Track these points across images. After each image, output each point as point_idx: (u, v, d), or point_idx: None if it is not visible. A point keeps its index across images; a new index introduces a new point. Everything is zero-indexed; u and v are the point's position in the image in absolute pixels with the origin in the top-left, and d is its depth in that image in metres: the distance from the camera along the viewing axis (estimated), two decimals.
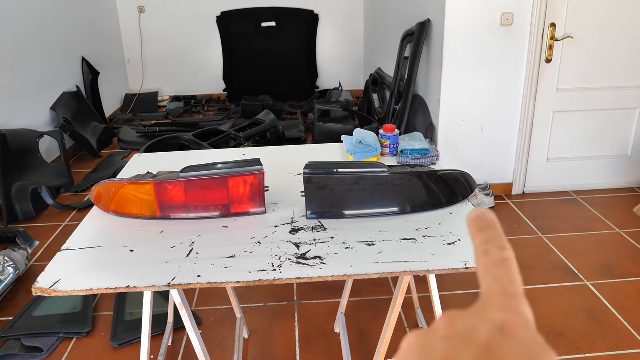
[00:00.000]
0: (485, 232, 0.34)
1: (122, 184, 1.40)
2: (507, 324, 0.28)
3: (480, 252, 0.33)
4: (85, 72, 4.79)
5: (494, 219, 0.34)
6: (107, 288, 1.11)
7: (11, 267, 2.48)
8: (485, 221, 0.34)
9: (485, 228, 0.34)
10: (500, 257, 0.32)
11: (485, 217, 0.35)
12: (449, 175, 1.48)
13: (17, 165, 3.39)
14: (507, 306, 0.29)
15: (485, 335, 0.27)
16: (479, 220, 0.35)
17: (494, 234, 0.33)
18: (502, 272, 0.31)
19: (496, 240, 0.33)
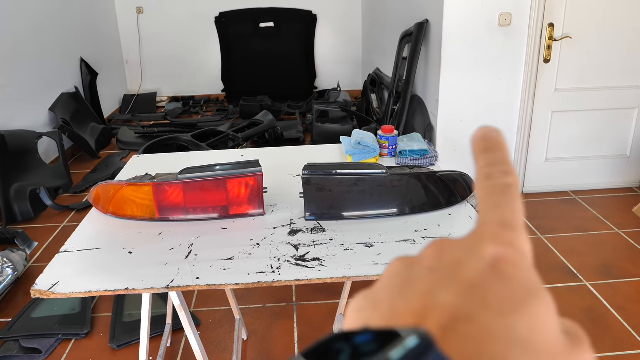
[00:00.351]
0: (490, 154, 0.30)
1: (121, 185, 1.40)
2: (500, 259, 0.24)
3: (482, 175, 0.29)
4: (84, 73, 4.79)
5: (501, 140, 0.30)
6: (106, 290, 1.11)
7: (10, 268, 2.48)
8: (492, 141, 0.30)
9: (491, 149, 0.30)
10: (503, 183, 0.28)
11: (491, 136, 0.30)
12: (448, 176, 1.48)
13: (16, 166, 3.39)
14: (503, 239, 0.26)
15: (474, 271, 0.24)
16: (484, 139, 0.30)
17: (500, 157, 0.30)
18: (504, 200, 0.27)
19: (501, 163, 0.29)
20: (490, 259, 0.24)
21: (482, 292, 0.23)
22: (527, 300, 0.23)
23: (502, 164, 0.29)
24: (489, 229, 0.26)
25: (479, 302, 0.23)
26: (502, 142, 0.30)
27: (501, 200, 0.27)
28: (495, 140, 0.30)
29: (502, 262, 0.24)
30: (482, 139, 0.30)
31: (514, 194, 0.28)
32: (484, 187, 0.28)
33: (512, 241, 0.25)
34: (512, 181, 0.28)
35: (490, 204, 0.28)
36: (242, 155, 1.87)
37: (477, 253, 0.25)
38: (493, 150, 0.30)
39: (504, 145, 0.30)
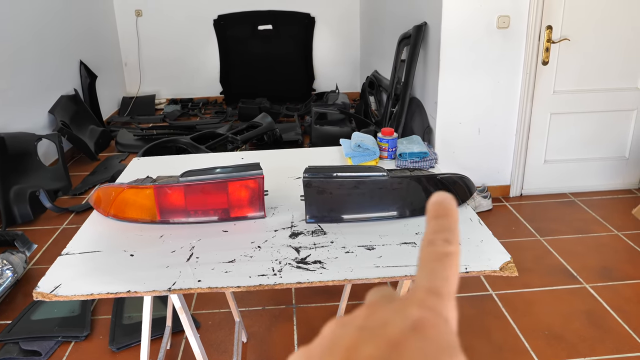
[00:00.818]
0: (438, 220, 0.32)
1: (122, 188, 1.40)
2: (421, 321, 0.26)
3: (426, 241, 0.31)
4: (83, 76, 4.79)
5: (452, 209, 0.32)
6: (107, 293, 1.11)
7: (9, 270, 2.47)
8: (443, 209, 0.32)
9: (441, 216, 0.32)
10: (443, 251, 0.30)
11: (443, 204, 0.32)
12: (448, 179, 1.48)
13: (16, 169, 3.39)
14: (428, 304, 0.28)
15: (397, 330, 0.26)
16: (437, 206, 0.32)
17: (446, 225, 0.31)
18: (439, 267, 0.29)
19: (446, 231, 0.31)
20: (413, 320, 0.27)
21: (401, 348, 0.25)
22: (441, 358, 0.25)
23: (447, 232, 0.31)
24: (417, 294, 0.28)
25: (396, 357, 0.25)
26: (452, 211, 0.32)
27: (437, 268, 0.29)
28: (446, 209, 0.32)
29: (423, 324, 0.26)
30: (435, 205, 0.32)
31: (450, 263, 0.30)
32: (425, 252, 0.31)
33: (436, 307, 0.28)
34: (452, 250, 0.30)
35: (426, 269, 0.30)
36: (242, 158, 1.88)
37: (402, 314, 0.27)
38: (442, 217, 0.32)
39: (453, 214, 0.32)
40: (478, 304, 2.37)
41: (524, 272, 2.59)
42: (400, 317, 0.27)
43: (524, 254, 2.75)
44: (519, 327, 2.21)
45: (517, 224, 3.08)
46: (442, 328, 0.27)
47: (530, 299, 2.39)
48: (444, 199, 0.33)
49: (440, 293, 0.28)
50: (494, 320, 2.26)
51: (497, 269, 1.18)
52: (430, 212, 0.32)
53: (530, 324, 2.23)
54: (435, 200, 0.33)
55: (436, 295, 0.28)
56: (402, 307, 0.28)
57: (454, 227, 0.31)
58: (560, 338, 2.14)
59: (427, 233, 0.32)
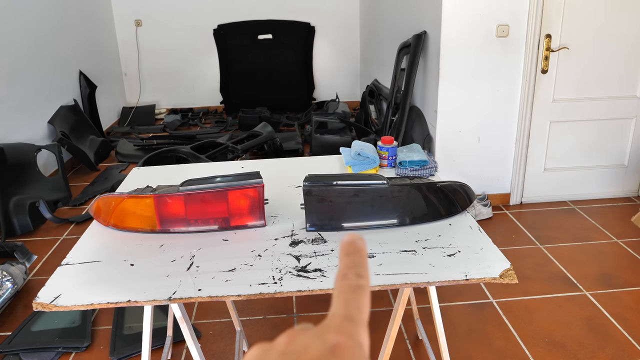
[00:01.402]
0: (350, 257, 0.35)
1: (122, 197, 1.40)
2: (338, 346, 0.29)
3: (339, 275, 0.34)
4: (83, 86, 4.81)
5: (362, 247, 0.36)
6: (107, 303, 1.11)
7: (9, 281, 2.47)
8: (354, 247, 0.36)
9: (352, 254, 0.36)
10: (355, 284, 0.34)
11: (354, 243, 0.36)
12: (448, 187, 1.48)
13: (15, 179, 3.39)
14: (344, 330, 0.30)
15: (317, 353, 0.29)
16: (348, 245, 0.36)
17: (357, 261, 0.35)
18: (352, 298, 0.33)
19: (357, 267, 0.35)
20: (331, 344, 0.29)
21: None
22: None
23: (358, 267, 0.35)
24: (334, 321, 0.31)
25: None
26: (362, 250, 0.36)
27: (350, 298, 0.33)
28: (357, 247, 0.36)
29: (340, 348, 0.29)
30: (346, 245, 0.36)
31: (362, 294, 0.33)
32: (339, 285, 0.34)
33: (352, 333, 0.30)
34: (363, 283, 0.34)
35: (341, 300, 0.33)
36: (243, 167, 1.88)
37: (321, 339, 0.30)
38: (353, 255, 0.36)
39: (363, 252, 0.36)
40: (478, 311, 2.36)
41: (524, 280, 2.58)
42: (320, 342, 0.30)
43: (524, 262, 2.75)
44: (519, 335, 2.20)
45: (517, 231, 3.08)
46: (356, 352, 0.29)
47: (530, 307, 2.38)
48: (354, 239, 0.37)
49: (354, 320, 0.31)
50: (494, 328, 2.25)
51: (497, 276, 1.18)
52: (343, 250, 0.36)
53: (531, 332, 2.22)
54: (346, 240, 0.37)
55: (351, 322, 0.31)
56: (321, 332, 0.30)
57: (364, 263, 0.35)
58: (560, 345, 2.13)
59: (340, 268, 0.35)
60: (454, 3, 2.94)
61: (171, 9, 5.67)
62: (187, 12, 5.69)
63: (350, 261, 0.35)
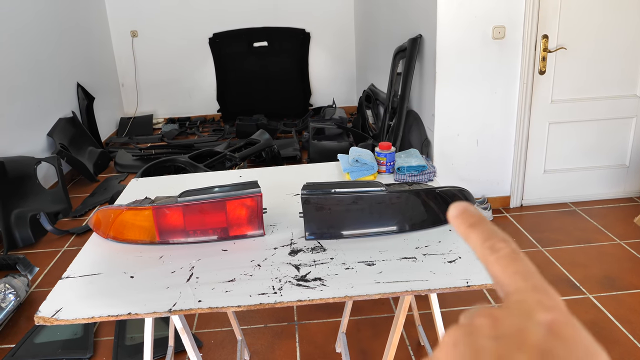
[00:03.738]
0: (479, 228, 0.32)
1: (121, 210, 1.40)
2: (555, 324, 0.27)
3: (486, 250, 0.31)
4: (81, 98, 4.81)
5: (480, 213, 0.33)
6: (108, 315, 1.10)
7: (12, 294, 2.47)
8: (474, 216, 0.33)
9: (477, 224, 0.32)
10: (509, 251, 0.31)
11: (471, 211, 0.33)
12: (447, 192, 1.48)
13: (16, 192, 3.39)
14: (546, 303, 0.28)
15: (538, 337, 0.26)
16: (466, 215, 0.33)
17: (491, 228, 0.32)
18: (521, 266, 0.30)
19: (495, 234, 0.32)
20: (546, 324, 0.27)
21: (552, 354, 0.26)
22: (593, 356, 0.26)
23: (497, 233, 0.32)
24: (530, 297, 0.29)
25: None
26: (482, 215, 0.33)
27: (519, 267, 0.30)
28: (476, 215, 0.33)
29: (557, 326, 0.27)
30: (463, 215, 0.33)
31: (523, 259, 0.31)
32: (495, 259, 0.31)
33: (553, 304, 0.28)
34: (515, 247, 0.31)
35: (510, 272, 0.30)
36: (241, 176, 1.88)
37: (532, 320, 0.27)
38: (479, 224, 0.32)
39: (484, 217, 0.33)
40: None
41: None
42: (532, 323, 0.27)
43: None
44: None
45: (518, 234, 3.07)
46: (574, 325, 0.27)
47: None
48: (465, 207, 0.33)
49: (544, 289, 0.29)
50: None
51: None
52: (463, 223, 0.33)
53: None
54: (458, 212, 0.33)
55: (543, 292, 0.29)
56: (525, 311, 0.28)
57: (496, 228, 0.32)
58: None
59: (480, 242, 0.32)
60: (449, 6, 2.95)
61: (167, 18, 5.69)
62: (182, 22, 5.71)
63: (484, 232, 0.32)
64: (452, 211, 0.34)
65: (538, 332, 0.27)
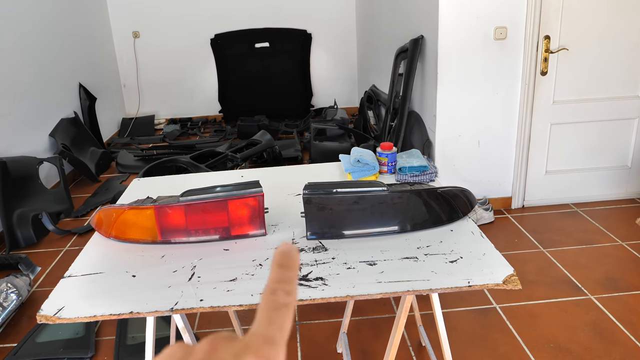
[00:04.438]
0: (282, 271, 0.35)
1: (123, 209, 1.40)
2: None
3: (268, 289, 0.34)
4: (83, 98, 4.82)
5: (296, 261, 0.36)
6: (110, 314, 1.11)
7: (14, 293, 2.47)
8: (289, 260, 0.35)
9: (285, 267, 0.35)
10: (282, 302, 0.33)
11: (290, 255, 0.36)
12: (449, 192, 1.48)
13: (18, 192, 3.39)
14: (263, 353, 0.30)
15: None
16: (283, 256, 0.36)
17: (289, 276, 0.35)
18: (277, 316, 0.33)
19: (287, 283, 0.34)
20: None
21: None
22: None
23: (288, 283, 0.34)
24: (255, 341, 0.31)
25: None
26: (295, 263, 0.35)
27: (275, 317, 0.33)
28: (291, 260, 0.36)
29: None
30: (281, 255, 0.36)
31: (286, 313, 0.33)
32: (266, 300, 0.34)
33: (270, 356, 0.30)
34: (290, 302, 0.34)
35: (265, 317, 0.33)
36: (242, 176, 1.88)
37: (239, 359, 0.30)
38: (286, 268, 0.35)
39: (295, 266, 0.36)
40: (482, 317, 2.35)
41: (528, 285, 2.57)
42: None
43: (527, 266, 2.74)
44: (524, 341, 2.19)
45: (520, 236, 3.07)
46: None
47: (534, 312, 2.37)
48: (290, 249, 0.36)
49: (274, 342, 0.31)
50: (498, 334, 2.24)
51: (501, 282, 1.17)
52: (277, 260, 0.36)
53: (536, 337, 2.21)
54: (282, 250, 0.36)
55: (271, 344, 0.31)
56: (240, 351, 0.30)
57: (294, 279, 0.35)
58: (566, 351, 2.12)
59: (270, 281, 0.35)
60: (451, 7, 2.95)
61: (168, 19, 5.70)
62: (184, 23, 5.72)
63: (282, 275, 0.35)
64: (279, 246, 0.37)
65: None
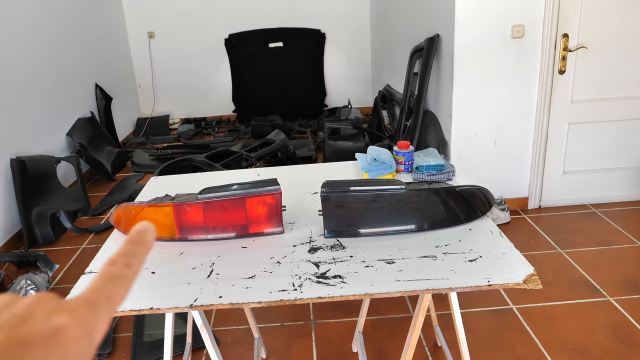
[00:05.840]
0: (129, 246, 0.34)
1: (142, 206, 1.41)
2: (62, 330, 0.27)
3: (109, 261, 0.33)
4: (99, 98, 4.87)
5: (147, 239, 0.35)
6: (130, 310, 1.11)
7: (33, 290, 2.50)
8: (140, 237, 0.35)
9: (134, 242, 0.34)
10: (118, 272, 0.32)
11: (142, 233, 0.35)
12: (467, 191, 1.47)
13: (36, 191, 3.44)
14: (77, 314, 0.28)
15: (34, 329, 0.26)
16: (135, 233, 0.35)
17: (134, 251, 0.34)
18: (106, 285, 0.31)
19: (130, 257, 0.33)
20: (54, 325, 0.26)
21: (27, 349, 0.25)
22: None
23: (131, 257, 0.33)
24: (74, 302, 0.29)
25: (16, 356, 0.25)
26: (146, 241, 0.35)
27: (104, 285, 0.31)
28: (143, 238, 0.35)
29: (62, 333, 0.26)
30: (134, 232, 0.35)
31: (120, 284, 0.32)
32: (103, 270, 0.32)
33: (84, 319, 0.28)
34: (127, 274, 0.32)
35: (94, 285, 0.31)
36: (259, 175, 1.88)
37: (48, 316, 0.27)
38: (134, 244, 0.34)
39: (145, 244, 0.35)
40: (499, 318, 2.33)
41: (545, 286, 2.54)
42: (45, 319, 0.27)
43: (544, 267, 2.71)
44: (541, 342, 2.17)
45: (536, 236, 3.04)
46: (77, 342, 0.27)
47: (552, 313, 2.35)
48: (145, 228, 0.36)
49: (95, 307, 0.29)
50: (516, 335, 2.22)
51: (521, 281, 1.16)
52: (128, 236, 0.35)
53: (553, 339, 2.18)
54: (137, 228, 0.35)
55: (90, 308, 0.29)
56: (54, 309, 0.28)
57: (140, 255, 0.34)
58: (584, 353, 2.09)
59: (114, 254, 0.34)
60: (467, 5, 2.92)
61: (183, 20, 5.73)
62: (198, 23, 5.75)
63: (127, 249, 0.34)
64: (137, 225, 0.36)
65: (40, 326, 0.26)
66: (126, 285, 0.32)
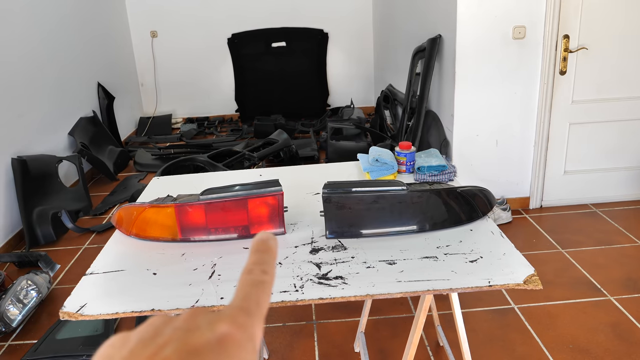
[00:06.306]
0: (259, 254, 0.36)
1: (143, 207, 1.42)
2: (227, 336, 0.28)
3: (245, 270, 0.35)
4: (101, 97, 4.88)
5: (272, 246, 0.37)
6: (132, 311, 1.12)
7: (34, 290, 2.51)
8: (264, 245, 0.37)
9: (261, 251, 0.37)
10: (258, 279, 0.34)
11: (266, 242, 0.37)
12: (468, 192, 1.47)
13: (38, 190, 3.45)
14: (237, 320, 0.30)
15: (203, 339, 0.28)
16: (259, 242, 0.37)
17: (265, 259, 0.36)
18: (253, 292, 0.33)
19: (264, 264, 0.35)
20: (220, 334, 0.29)
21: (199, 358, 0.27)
22: None
23: (264, 264, 0.36)
24: (230, 310, 0.31)
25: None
26: (272, 248, 0.37)
27: (251, 292, 0.33)
28: (267, 246, 0.37)
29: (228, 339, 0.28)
30: (257, 242, 0.38)
31: (263, 290, 0.34)
32: (243, 279, 0.35)
33: (244, 325, 0.30)
34: (266, 279, 0.35)
35: (242, 293, 0.33)
36: (261, 175, 1.89)
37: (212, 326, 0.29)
38: (262, 252, 0.37)
39: (272, 250, 0.37)
40: (500, 317, 2.33)
41: (546, 285, 2.55)
42: (210, 328, 0.29)
43: (545, 267, 2.71)
44: (542, 341, 2.17)
45: (538, 236, 3.04)
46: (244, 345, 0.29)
47: (553, 312, 2.35)
48: (267, 237, 0.38)
49: (250, 313, 0.31)
50: (516, 334, 2.22)
51: (521, 282, 1.16)
52: (253, 246, 0.37)
53: (555, 338, 2.19)
54: (258, 237, 0.38)
55: (246, 314, 0.31)
56: (214, 319, 0.30)
57: (271, 261, 0.36)
58: (585, 352, 2.10)
59: (247, 264, 0.35)
60: (469, 6, 2.93)
61: (186, 19, 5.74)
62: (201, 22, 5.75)
63: (258, 258, 0.36)
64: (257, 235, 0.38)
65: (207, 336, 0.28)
66: (267, 290, 0.34)
